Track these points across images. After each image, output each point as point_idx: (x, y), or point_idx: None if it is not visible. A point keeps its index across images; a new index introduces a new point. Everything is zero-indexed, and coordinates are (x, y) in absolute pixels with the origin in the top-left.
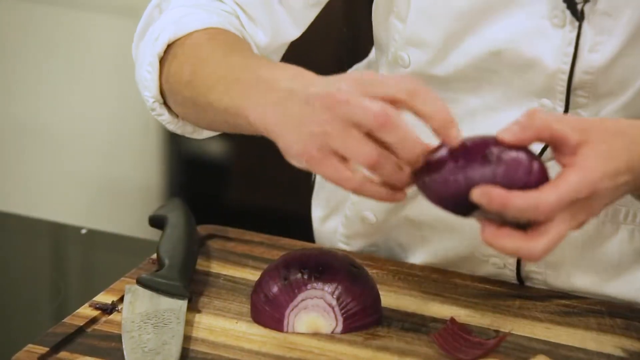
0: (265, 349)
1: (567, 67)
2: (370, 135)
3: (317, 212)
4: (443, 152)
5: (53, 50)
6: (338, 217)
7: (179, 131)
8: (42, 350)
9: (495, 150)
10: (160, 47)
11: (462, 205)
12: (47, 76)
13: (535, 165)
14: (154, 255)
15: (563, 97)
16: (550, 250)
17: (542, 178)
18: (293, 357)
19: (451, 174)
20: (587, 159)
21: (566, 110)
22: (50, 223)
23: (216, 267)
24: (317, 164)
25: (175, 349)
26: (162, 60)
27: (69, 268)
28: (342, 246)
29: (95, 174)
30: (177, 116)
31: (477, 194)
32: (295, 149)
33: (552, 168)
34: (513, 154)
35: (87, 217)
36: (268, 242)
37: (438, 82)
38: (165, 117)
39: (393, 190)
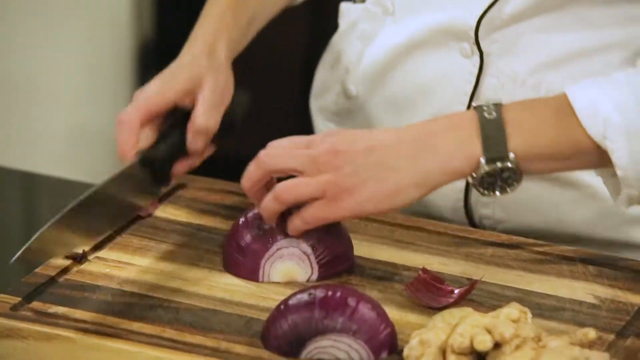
0: (238, 298)
1: None
2: None
3: (315, 88)
4: None
5: (24, 0)
6: (330, 95)
7: None
8: (14, 300)
9: None
10: None
11: None
12: (17, 26)
13: None
14: None
15: None
16: (310, 217)
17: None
18: (266, 306)
19: None
20: None
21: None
22: (22, 172)
23: (187, 217)
24: None
25: None
26: None
27: (40, 218)
28: (332, 126)
29: (67, 122)
30: None
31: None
32: None
33: None
34: None
35: (58, 166)
36: (240, 191)
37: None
38: None
39: None
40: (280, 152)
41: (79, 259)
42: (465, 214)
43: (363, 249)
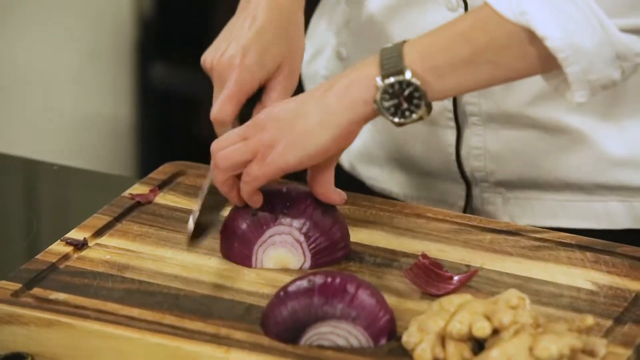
0: (238, 284)
1: None
2: None
3: (305, 54)
4: None
5: None
6: (321, 60)
7: None
8: (15, 286)
9: None
10: None
11: None
12: (16, 10)
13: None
14: (128, 191)
15: None
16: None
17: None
18: (266, 292)
19: None
20: None
21: None
22: (22, 159)
23: (187, 204)
24: None
25: None
26: None
27: (41, 204)
28: None
29: (66, 109)
30: None
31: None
32: None
33: None
34: None
35: (58, 153)
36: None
37: None
38: None
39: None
40: (224, 135)
41: (80, 245)
42: (458, 169)
43: (362, 235)
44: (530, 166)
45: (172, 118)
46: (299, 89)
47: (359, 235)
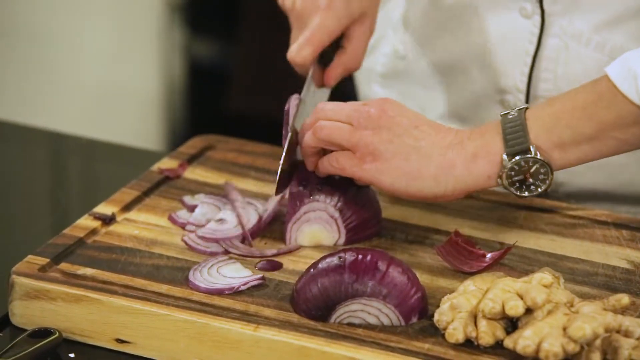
0: None
1: None
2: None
3: None
4: None
5: None
6: (375, 56)
7: None
8: (43, 261)
9: None
10: None
11: None
12: None
13: None
14: (157, 165)
15: None
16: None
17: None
18: (295, 269)
19: None
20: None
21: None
22: (50, 132)
23: (217, 178)
24: None
25: None
26: None
27: (69, 178)
28: (377, 88)
29: (96, 82)
30: None
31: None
32: None
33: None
34: None
35: (87, 126)
36: (270, 153)
37: None
38: None
39: None
40: (332, 106)
41: (108, 220)
42: None
43: (394, 212)
44: (606, 178)
45: (202, 91)
46: (350, 83)
47: (391, 212)
